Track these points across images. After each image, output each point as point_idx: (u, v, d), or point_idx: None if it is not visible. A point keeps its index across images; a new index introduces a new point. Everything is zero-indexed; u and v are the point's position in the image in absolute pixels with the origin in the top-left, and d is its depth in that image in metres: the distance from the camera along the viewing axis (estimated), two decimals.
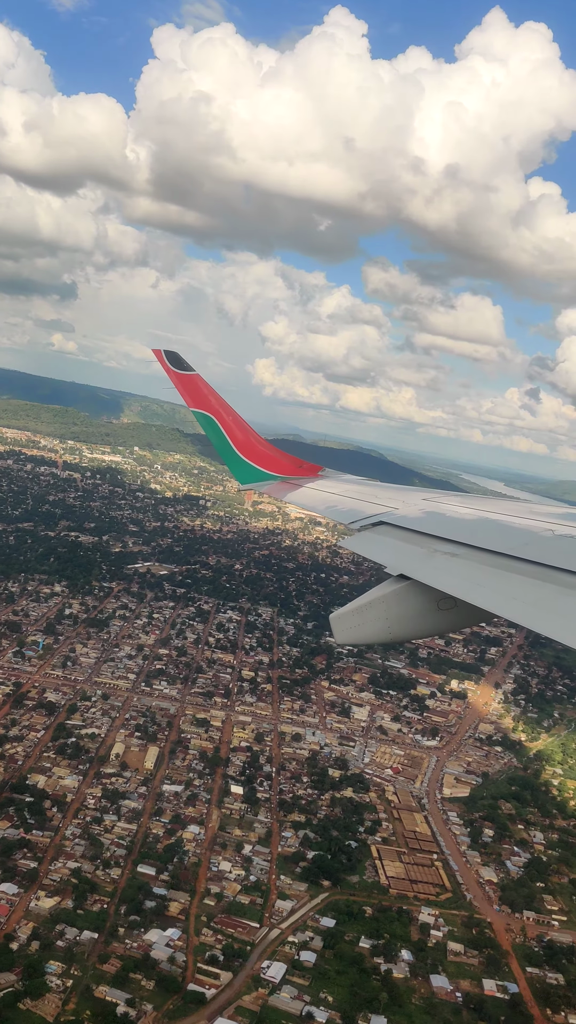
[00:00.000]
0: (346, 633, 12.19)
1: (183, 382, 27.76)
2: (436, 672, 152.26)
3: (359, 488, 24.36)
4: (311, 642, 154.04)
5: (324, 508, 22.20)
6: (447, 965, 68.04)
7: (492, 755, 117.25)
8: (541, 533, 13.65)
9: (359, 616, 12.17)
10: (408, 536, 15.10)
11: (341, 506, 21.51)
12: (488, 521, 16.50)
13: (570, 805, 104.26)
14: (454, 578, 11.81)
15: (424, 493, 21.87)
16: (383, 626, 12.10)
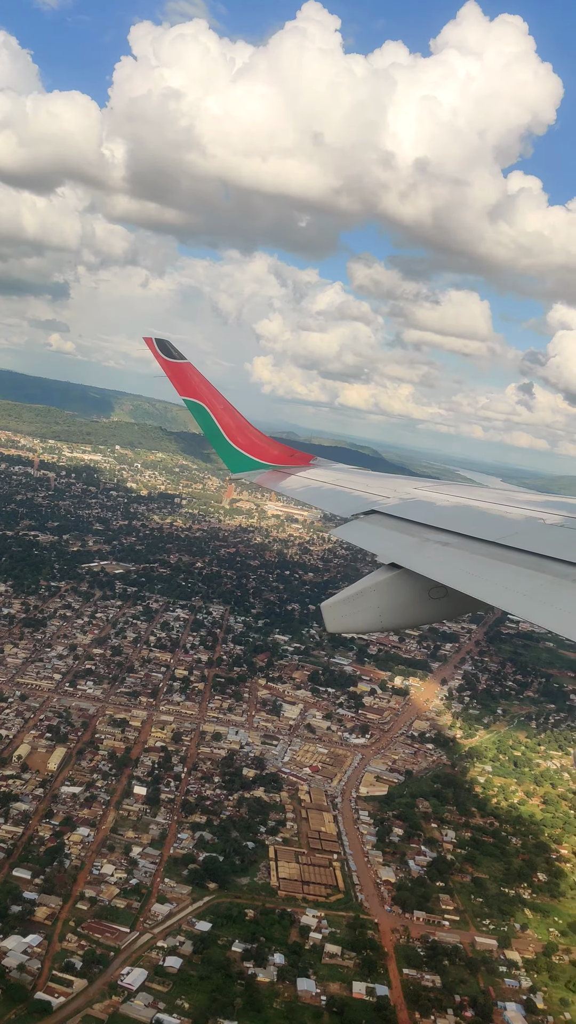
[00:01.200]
0: (337, 622, 12.19)
1: (173, 370, 27.71)
2: (382, 669, 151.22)
3: (350, 477, 24.58)
4: (258, 640, 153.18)
5: (314, 497, 22.66)
6: (320, 968, 67.01)
7: (422, 753, 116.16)
8: (532, 522, 13.70)
9: (350, 605, 12.17)
10: (400, 525, 15.10)
11: (331, 495, 22.20)
12: (480, 510, 16.43)
13: (491, 803, 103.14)
14: (446, 567, 11.89)
15: (416, 482, 21.68)
16: (374, 615, 12.14)
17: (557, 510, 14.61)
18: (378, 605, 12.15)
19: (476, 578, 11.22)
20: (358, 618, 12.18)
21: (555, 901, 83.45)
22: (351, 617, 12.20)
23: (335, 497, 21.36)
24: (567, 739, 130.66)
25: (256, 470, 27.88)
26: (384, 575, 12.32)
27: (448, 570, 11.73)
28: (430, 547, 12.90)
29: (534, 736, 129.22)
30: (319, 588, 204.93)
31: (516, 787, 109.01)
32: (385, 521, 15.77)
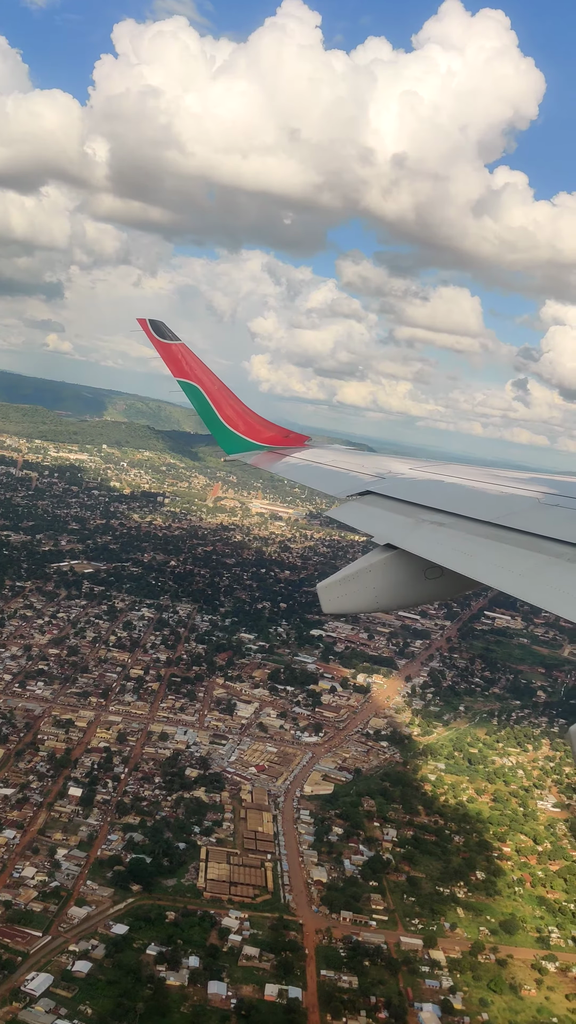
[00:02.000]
0: (333, 603, 12.25)
1: (168, 351, 27.95)
2: (347, 667, 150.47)
3: (346, 458, 24.38)
4: (222, 639, 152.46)
5: (309, 477, 22.66)
6: (235, 970, 66.31)
7: (374, 751, 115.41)
8: (528, 502, 13.61)
9: (346, 586, 12.22)
10: (395, 505, 15.16)
11: (326, 476, 22.15)
12: (475, 490, 16.57)
13: (439, 801, 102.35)
14: (441, 547, 11.96)
15: (411, 463, 21.66)
16: (370, 595, 12.20)
17: (544, 487, 14.56)
18: (374, 585, 12.16)
19: (471, 558, 11.27)
20: (354, 599, 12.24)
21: (490, 899, 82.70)
22: (347, 598, 12.23)
23: (330, 478, 21.31)
24: (527, 736, 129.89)
25: (251, 451, 27.84)
26: (380, 555, 12.30)
27: (443, 550, 11.78)
28: (425, 527, 12.95)
29: (494, 733, 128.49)
30: (293, 586, 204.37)
31: (467, 785, 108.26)
32: (380, 502, 15.78)
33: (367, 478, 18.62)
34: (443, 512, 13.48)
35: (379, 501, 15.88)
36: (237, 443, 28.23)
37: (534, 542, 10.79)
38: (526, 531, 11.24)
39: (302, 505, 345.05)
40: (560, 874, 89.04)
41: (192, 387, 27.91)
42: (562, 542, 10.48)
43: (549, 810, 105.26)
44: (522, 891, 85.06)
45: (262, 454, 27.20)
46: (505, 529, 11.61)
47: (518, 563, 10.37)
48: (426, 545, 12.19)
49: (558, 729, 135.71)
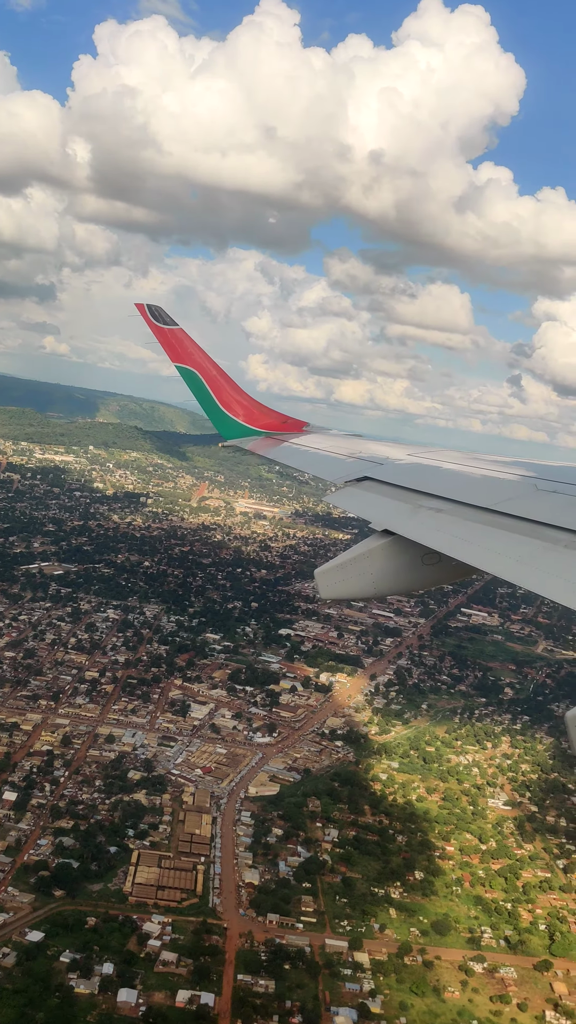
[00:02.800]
0: (330, 588, 12.32)
1: (165, 336, 27.90)
2: (312, 666, 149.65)
3: (344, 443, 24.52)
4: (187, 639, 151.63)
5: (306, 463, 22.62)
6: (149, 977, 65.50)
7: (328, 751, 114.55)
8: (525, 488, 13.62)
9: (343, 571, 12.28)
10: (393, 491, 15.26)
11: (325, 461, 22.16)
12: (473, 476, 16.51)
13: (387, 800, 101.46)
14: (439, 533, 11.95)
15: (409, 448, 21.61)
16: (368, 581, 12.25)
17: (554, 475, 14.58)
18: (371, 571, 12.18)
19: (469, 544, 11.28)
20: (351, 584, 12.26)
21: (426, 900, 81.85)
22: (344, 583, 12.25)
23: (327, 463, 21.17)
24: (488, 733, 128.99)
25: (249, 437, 27.86)
26: (377, 541, 12.30)
27: (441, 536, 11.78)
28: (423, 513, 12.95)
29: (454, 731, 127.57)
30: (268, 585, 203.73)
31: (419, 784, 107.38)
32: (378, 487, 15.82)
33: (365, 464, 18.64)
34: (441, 498, 13.50)
35: (377, 487, 15.93)
36: (235, 428, 28.20)
37: (531, 528, 10.79)
38: (523, 517, 11.23)
39: (288, 504, 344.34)
40: (501, 873, 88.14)
41: (190, 372, 27.82)
42: (559, 528, 10.48)
43: (500, 808, 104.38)
44: (460, 891, 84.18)
45: (260, 439, 27.14)
46: (502, 515, 11.60)
47: (515, 549, 10.36)
48: (424, 531, 12.21)
49: (520, 726, 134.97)
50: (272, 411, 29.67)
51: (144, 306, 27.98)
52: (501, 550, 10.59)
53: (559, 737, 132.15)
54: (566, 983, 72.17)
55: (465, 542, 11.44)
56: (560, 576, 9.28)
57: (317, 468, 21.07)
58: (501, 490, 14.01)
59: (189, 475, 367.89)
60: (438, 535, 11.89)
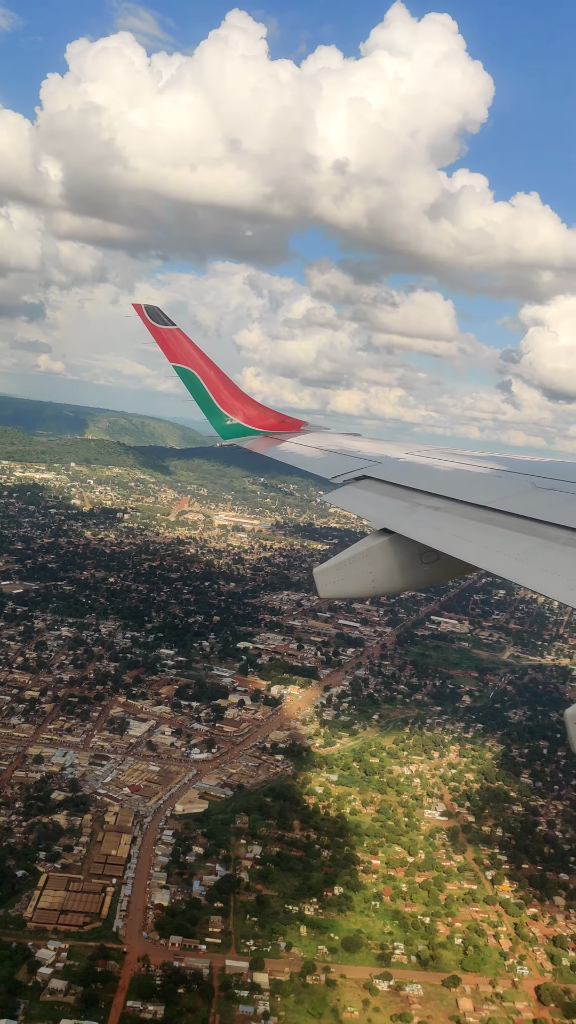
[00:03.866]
0: (329, 588, 12.28)
1: (163, 337, 27.94)
2: (265, 678, 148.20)
3: (342, 442, 24.66)
4: (139, 655, 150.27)
5: (304, 462, 22.48)
6: (35, 1006, 64.02)
7: (266, 765, 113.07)
8: (523, 485, 13.55)
9: (342, 571, 12.28)
10: (391, 490, 15.30)
11: (323, 460, 22.13)
12: (470, 474, 16.50)
13: (320, 814, 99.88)
14: (437, 532, 11.98)
15: (408, 447, 21.69)
16: (366, 580, 12.27)
17: (551, 472, 14.62)
18: (370, 570, 12.20)
19: (467, 542, 11.26)
20: (350, 583, 12.26)
21: (340, 916, 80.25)
22: (343, 582, 12.25)
23: (326, 462, 21.11)
24: (437, 742, 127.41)
25: (247, 436, 27.91)
26: (376, 540, 12.33)
27: (439, 534, 11.80)
28: (421, 512, 12.99)
29: (402, 741, 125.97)
30: (234, 598, 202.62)
31: (356, 796, 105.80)
32: (376, 486, 15.88)
33: (363, 463, 18.62)
34: (439, 496, 13.52)
35: (375, 486, 15.96)
36: (233, 428, 28.16)
37: (529, 525, 10.80)
38: (521, 515, 11.26)
39: (270, 516, 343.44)
40: (424, 886, 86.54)
41: (187, 372, 27.82)
42: (556, 525, 10.49)
43: (436, 819, 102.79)
44: (379, 906, 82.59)
45: (258, 439, 27.19)
46: (500, 513, 11.64)
47: (513, 546, 10.34)
48: (422, 529, 12.21)
49: (472, 734, 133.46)
50: (270, 410, 29.71)
51: (141, 306, 27.95)
52: (499, 548, 10.58)
53: (510, 744, 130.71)
54: (473, 999, 70.52)
55: (463, 540, 11.41)
56: (559, 573, 9.24)
57: (315, 467, 20.98)
58: (499, 488, 13.96)
59: (172, 489, 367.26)
60: (436, 533, 11.90)
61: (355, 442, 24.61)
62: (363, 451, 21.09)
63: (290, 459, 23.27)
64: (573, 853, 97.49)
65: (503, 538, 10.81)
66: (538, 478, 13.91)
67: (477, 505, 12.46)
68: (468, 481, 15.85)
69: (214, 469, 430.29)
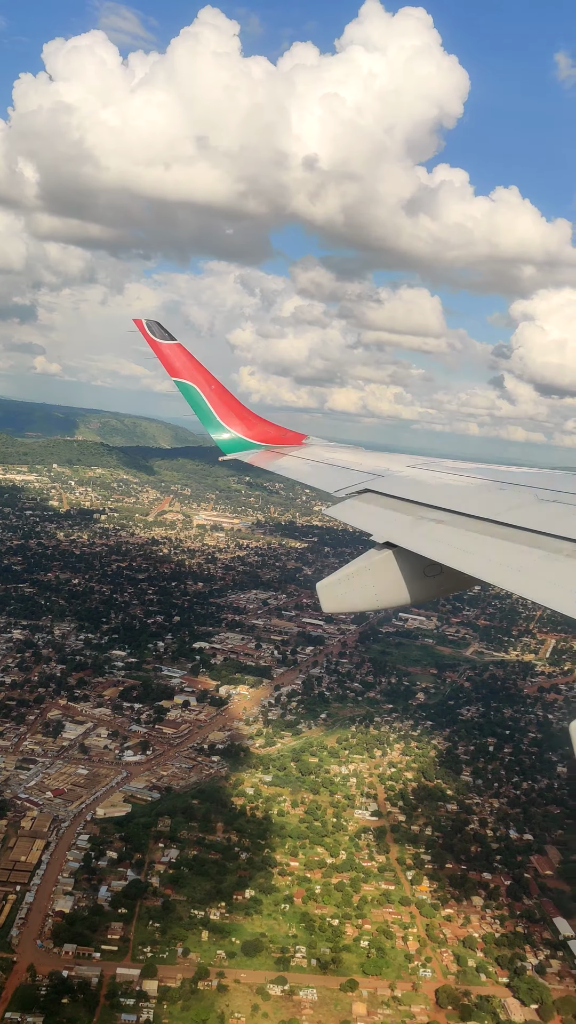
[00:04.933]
0: (333, 602, 12.30)
1: (164, 352, 28.04)
2: (216, 678, 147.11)
3: (344, 456, 24.60)
4: (89, 657, 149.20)
5: (306, 476, 22.60)
6: None
7: (200, 766, 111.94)
8: (526, 498, 13.63)
9: (345, 585, 12.24)
10: (393, 503, 15.34)
11: (324, 474, 22.20)
12: (472, 487, 16.51)
13: (246, 816, 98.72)
14: (440, 545, 12.00)
15: (410, 459, 21.60)
16: (370, 594, 12.25)
17: (555, 484, 14.53)
18: (373, 584, 12.18)
19: (470, 555, 11.28)
20: (353, 597, 12.26)
21: (246, 920, 79.09)
22: (346, 597, 12.24)
23: (328, 476, 21.10)
24: (381, 740, 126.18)
25: (248, 450, 27.96)
26: (379, 554, 12.32)
27: (442, 548, 11.80)
28: (424, 525, 13.03)
29: (346, 740, 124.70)
30: (200, 598, 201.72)
31: (288, 797, 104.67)
32: (379, 500, 15.93)
33: (366, 476, 18.65)
34: (441, 509, 13.52)
35: (378, 499, 16.00)
36: (233, 442, 28.25)
37: (532, 538, 10.77)
38: (524, 527, 11.22)
39: (253, 515, 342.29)
40: (339, 888, 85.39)
41: (188, 386, 27.89)
42: (560, 537, 10.45)
43: (366, 819, 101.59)
44: (288, 908, 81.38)
45: (259, 452, 27.21)
46: (503, 525, 11.62)
47: (516, 559, 10.36)
48: (425, 543, 12.23)
49: (419, 732, 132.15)
50: (270, 424, 29.63)
51: (142, 322, 27.98)
52: (502, 560, 10.59)
53: (457, 742, 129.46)
54: (368, 1003, 69.33)
55: (466, 553, 11.43)
56: (562, 586, 9.18)
57: (317, 481, 20.96)
58: (501, 500, 13.96)
59: (155, 489, 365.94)
60: (439, 546, 11.91)
61: (356, 455, 24.53)
62: (365, 465, 20.99)
63: (292, 473, 23.21)
64: (500, 852, 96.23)
65: (507, 551, 10.79)
66: (540, 490, 13.85)
67: (480, 518, 12.43)
68: (470, 494, 15.79)
69: (199, 468, 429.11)
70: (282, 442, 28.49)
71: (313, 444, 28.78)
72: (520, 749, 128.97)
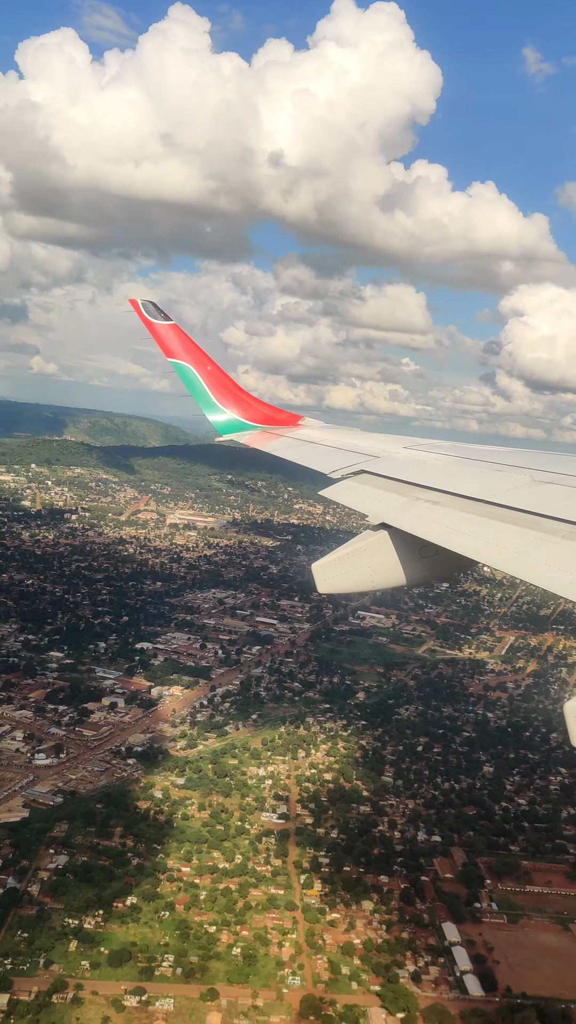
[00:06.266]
0: (328, 583, 12.24)
1: (160, 332, 27.61)
2: (151, 679, 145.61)
3: (340, 437, 24.50)
4: (25, 659, 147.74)
5: (302, 457, 22.15)
6: None
7: (113, 769, 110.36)
8: (522, 479, 13.44)
9: (341, 565, 12.16)
10: (389, 484, 15.28)
11: (320, 455, 21.70)
12: (468, 468, 16.35)
13: (148, 820, 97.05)
14: (435, 526, 11.91)
15: (405, 441, 21.67)
16: (365, 575, 12.21)
17: (552, 465, 14.42)
18: (369, 565, 12.12)
19: (466, 536, 11.20)
20: (348, 578, 12.20)
21: (121, 928, 77.40)
22: (341, 577, 12.17)
23: (323, 457, 20.84)
24: (308, 740, 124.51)
25: (243, 431, 27.72)
26: (375, 535, 12.28)
27: (438, 529, 11.72)
28: (420, 506, 12.95)
29: (271, 741, 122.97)
30: (156, 598, 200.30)
31: (197, 800, 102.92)
32: (374, 481, 15.88)
33: (361, 457, 18.56)
34: (437, 490, 13.43)
35: (373, 480, 15.94)
36: (230, 424, 27.92)
37: (528, 519, 10.73)
38: (520, 508, 11.15)
39: (230, 513, 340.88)
40: (225, 893, 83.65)
41: (183, 367, 27.57)
42: (557, 519, 10.38)
43: (272, 822, 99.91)
44: (168, 916, 79.62)
45: (255, 434, 27.05)
46: (499, 506, 11.54)
47: (512, 540, 10.28)
48: (420, 524, 12.12)
49: (350, 732, 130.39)
50: (267, 405, 29.39)
51: (137, 302, 27.54)
52: (498, 542, 10.50)
53: (386, 742, 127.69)
54: (226, 1012, 67.60)
55: (462, 534, 11.31)
56: (558, 567, 9.15)
57: (312, 462, 20.53)
58: (497, 481, 13.80)
59: (133, 488, 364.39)
60: (435, 527, 11.80)
61: (352, 437, 24.30)
62: (360, 446, 20.79)
63: (287, 454, 22.91)
64: (403, 855, 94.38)
65: (503, 532, 10.68)
66: (536, 471, 13.74)
67: (476, 499, 12.32)
68: (466, 475, 15.63)
69: (180, 467, 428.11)
70: (278, 423, 28.18)
71: (309, 425, 28.31)
72: (450, 748, 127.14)
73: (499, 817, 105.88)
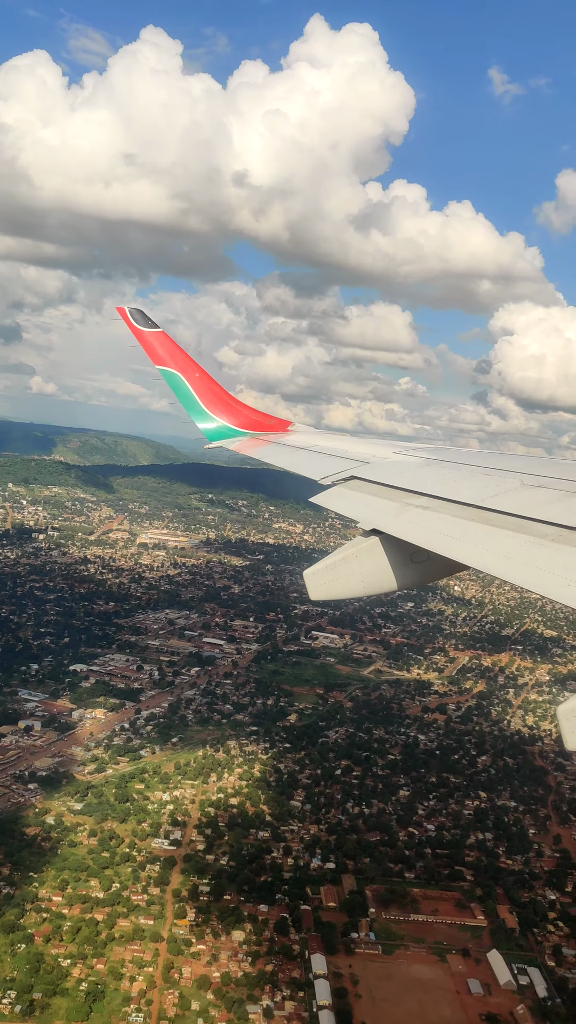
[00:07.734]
0: (319, 589, 12.18)
1: (147, 339, 27.69)
2: (77, 702, 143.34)
3: (330, 442, 24.37)
4: None
5: (292, 463, 21.98)
6: None
7: (12, 794, 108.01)
8: (512, 483, 13.51)
9: (332, 572, 12.18)
10: (380, 490, 15.28)
11: (310, 461, 21.63)
12: (458, 472, 16.36)
13: (33, 847, 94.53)
14: (426, 531, 11.99)
15: (396, 445, 21.54)
16: (356, 581, 12.21)
17: (543, 468, 14.53)
18: (359, 571, 12.17)
19: (456, 541, 11.23)
20: (340, 585, 12.19)
21: None
22: (332, 584, 12.18)
23: (313, 463, 20.81)
24: (222, 764, 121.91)
25: (233, 438, 27.64)
26: (365, 541, 12.34)
27: (428, 534, 11.76)
28: (410, 511, 13.01)
29: (185, 765, 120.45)
30: (105, 618, 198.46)
31: (90, 826, 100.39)
32: (365, 487, 15.87)
33: (352, 463, 18.47)
34: (428, 495, 13.46)
35: (364, 486, 15.94)
36: (219, 430, 27.84)
37: (519, 523, 10.74)
38: (511, 512, 11.19)
39: (205, 532, 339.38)
40: (90, 924, 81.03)
41: (172, 374, 27.59)
42: (546, 523, 10.40)
43: (163, 848, 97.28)
44: (23, 948, 76.98)
45: (244, 440, 26.97)
46: (489, 511, 11.57)
47: (502, 544, 10.34)
48: (411, 529, 12.18)
49: (270, 755, 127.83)
50: (256, 411, 29.31)
51: (125, 309, 27.69)
52: (488, 546, 10.52)
53: (305, 765, 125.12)
54: None
55: (452, 539, 11.35)
56: (547, 570, 9.17)
57: (303, 468, 20.43)
58: (487, 485, 13.77)
59: (110, 508, 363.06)
60: (425, 533, 11.84)
61: (342, 442, 24.13)
62: (351, 451, 20.64)
63: (276, 460, 22.71)
64: (289, 883, 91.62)
65: (492, 536, 10.70)
66: (525, 475, 13.68)
67: (466, 503, 12.33)
68: (456, 480, 15.58)
69: (160, 486, 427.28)
70: (268, 429, 28.00)
71: (299, 431, 28.20)
72: (370, 772, 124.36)
73: (401, 843, 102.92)
